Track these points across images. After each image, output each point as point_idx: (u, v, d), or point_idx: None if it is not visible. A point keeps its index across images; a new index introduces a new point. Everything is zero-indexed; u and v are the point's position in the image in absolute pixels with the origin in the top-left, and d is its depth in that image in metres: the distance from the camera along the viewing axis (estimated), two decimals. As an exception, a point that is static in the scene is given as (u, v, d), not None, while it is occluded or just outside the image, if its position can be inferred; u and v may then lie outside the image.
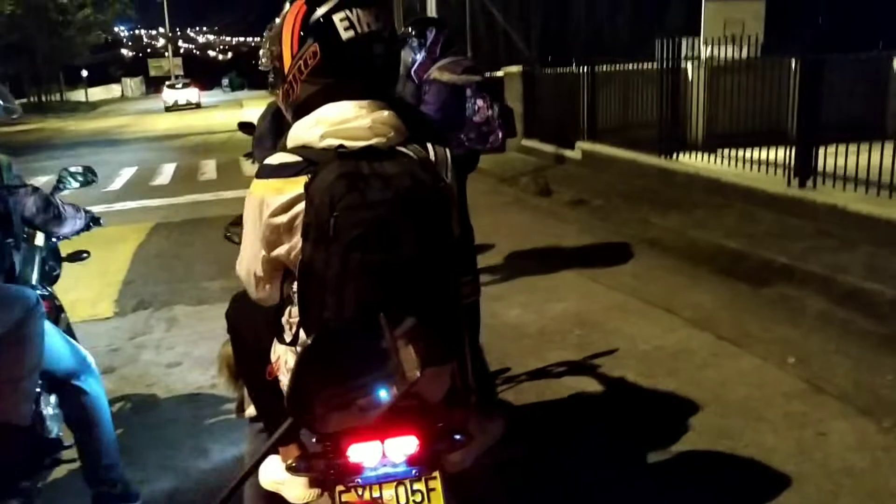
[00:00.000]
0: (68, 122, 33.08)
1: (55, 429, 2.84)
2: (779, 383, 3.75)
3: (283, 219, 1.70)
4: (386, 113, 1.76)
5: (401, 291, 1.65)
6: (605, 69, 10.64)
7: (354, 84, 1.76)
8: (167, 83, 44.57)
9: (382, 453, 1.75)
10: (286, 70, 1.80)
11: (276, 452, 2.11)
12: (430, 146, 1.79)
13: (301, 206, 1.65)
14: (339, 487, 1.78)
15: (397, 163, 1.67)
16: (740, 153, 8.09)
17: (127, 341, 4.78)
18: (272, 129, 3.06)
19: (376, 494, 1.75)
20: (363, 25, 1.75)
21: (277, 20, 1.85)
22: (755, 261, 5.80)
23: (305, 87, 1.79)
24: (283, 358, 1.90)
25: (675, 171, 8.75)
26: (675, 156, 9.05)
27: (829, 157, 6.99)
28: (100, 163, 15.97)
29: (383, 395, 1.68)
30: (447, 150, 1.85)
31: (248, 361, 2.23)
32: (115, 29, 74.86)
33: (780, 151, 7.82)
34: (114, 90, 63.28)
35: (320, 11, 1.75)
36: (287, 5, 1.84)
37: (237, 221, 2.46)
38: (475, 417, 1.99)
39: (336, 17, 1.74)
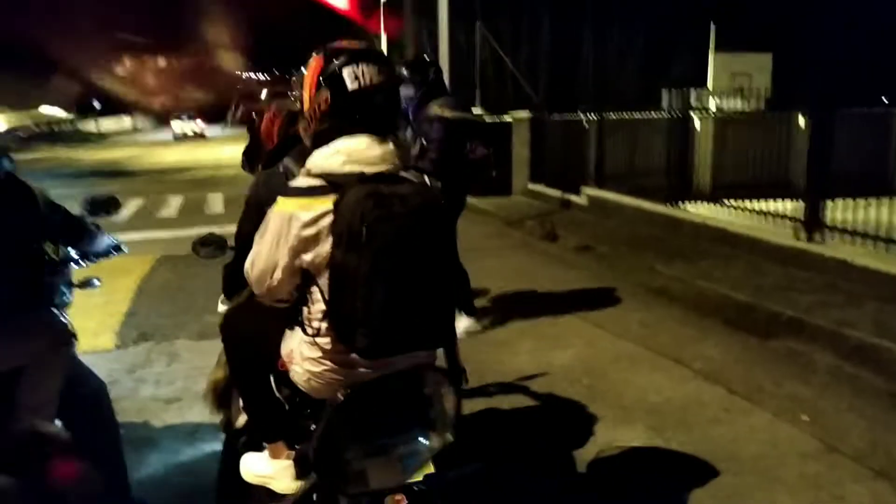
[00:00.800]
0: (78, 152, 33.22)
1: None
2: (792, 441, 3.64)
3: (313, 230, 2.07)
4: (391, 146, 2.16)
5: (420, 287, 2.07)
6: (612, 117, 10.65)
7: (358, 126, 2.13)
8: (173, 115, 47.54)
9: None
10: (305, 110, 2.23)
11: (260, 450, 2.46)
12: (421, 175, 2.25)
13: (327, 220, 2.04)
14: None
15: (407, 185, 2.11)
16: (746, 204, 8.06)
17: (126, 374, 4.68)
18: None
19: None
20: (367, 79, 2.14)
21: (303, 69, 2.25)
22: (763, 313, 5.70)
23: (320, 125, 2.19)
24: (298, 350, 2.23)
25: (681, 220, 8.69)
26: (681, 204, 9.00)
27: (837, 210, 6.93)
28: (108, 193, 15.98)
29: (423, 443, 2.08)
30: (429, 179, 2.33)
31: (245, 371, 2.45)
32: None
33: (787, 203, 7.80)
34: (124, 122, 63.67)
35: (333, 65, 2.15)
36: (314, 56, 2.23)
37: (206, 240, 3.01)
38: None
39: (345, 72, 2.14)
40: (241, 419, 2.65)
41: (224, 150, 31.55)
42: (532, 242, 8.84)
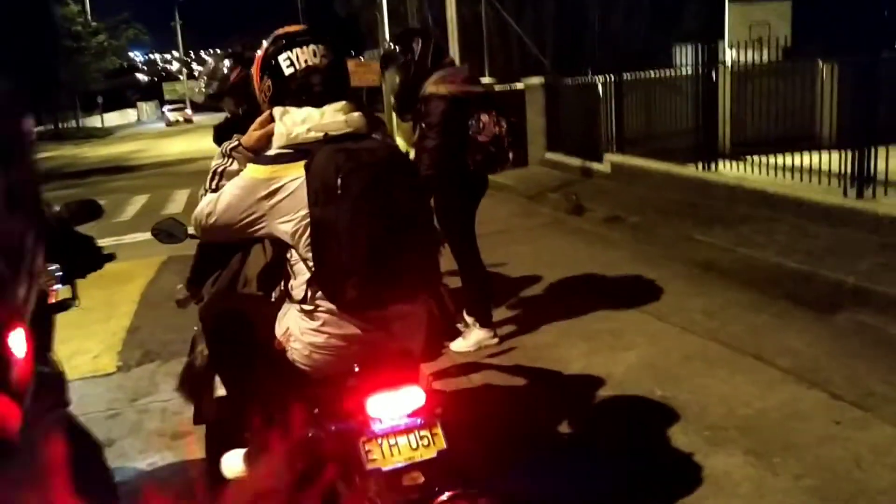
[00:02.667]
0: (84, 149, 32.72)
1: None
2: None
3: (280, 198, 2.15)
4: (356, 113, 2.27)
5: (400, 231, 2.13)
6: (629, 78, 10.02)
7: (304, 106, 2.24)
8: (166, 106, 54.47)
9: (395, 404, 2.08)
10: (257, 96, 2.42)
11: (239, 446, 2.41)
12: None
13: (297, 184, 2.12)
14: (363, 438, 2.04)
15: (373, 141, 2.23)
16: (779, 160, 7.49)
17: (129, 404, 4.16)
18: None
19: (392, 441, 2.05)
20: (301, 62, 2.28)
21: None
22: (823, 282, 5.14)
23: (268, 109, 2.32)
24: (295, 325, 2.21)
25: (714, 183, 8.09)
26: (712, 166, 8.39)
27: (882, 162, 6.35)
28: (112, 191, 15.52)
29: None
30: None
31: (231, 359, 2.41)
32: (130, 54, 75.02)
33: (816, 156, 7.23)
34: (129, 115, 63.17)
35: (270, 53, 2.32)
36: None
37: (165, 225, 2.92)
38: None
39: (280, 58, 2.30)
40: (215, 412, 2.62)
41: (229, 137, 30.94)
42: (559, 218, 8.17)
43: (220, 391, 2.55)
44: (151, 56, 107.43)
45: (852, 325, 4.46)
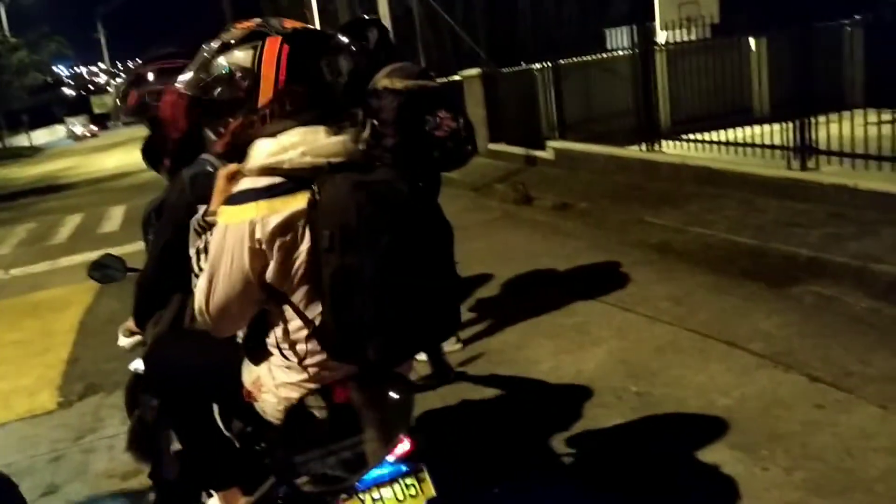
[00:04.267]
0: (11, 170, 31.44)
1: None
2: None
3: (287, 237, 1.75)
4: (347, 134, 1.88)
5: (429, 282, 1.81)
6: (565, 63, 9.93)
7: (322, 118, 1.86)
8: (68, 119, 57.13)
9: None
10: (261, 102, 1.86)
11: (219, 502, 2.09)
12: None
13: (301, 222, 1.74)
14: (343, 496, 1.85)
15: (383, 172, 1.83)
16: (720, 136, 7.50)
17: (73, 444, 3.84)
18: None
19: (376, 496, 1.85)
20: (339, 71, 1.99)
21: (238, 53, 1.87)
22: (776, 257, 5.09)
23: (282, 120, 1.85)
24: (269, 376, 1.89)
25: (658, 163, 8.04)
26: (655, 146, 8.33)
27: (822, 131, 6.37)
28: (44, 212, 14.85)
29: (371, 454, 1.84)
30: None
31: (184, 409, 2.10)
32: (55, 69, 72.56)
33: (753, 130, 7.26)
34: (58, 131, 60.98)
35: (306, 53, 1.89)
36: (233, 37, 1.90)
37: (102, 262, 2.69)
38: None
39: (322, 62, 1.93)
40: (174, 469, 2.35)
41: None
42: (509, 210, 7.97)
43: (177, 445, 2.27)
44: (77, 69, 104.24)
45: (813, 298, 4.39)
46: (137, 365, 2.59)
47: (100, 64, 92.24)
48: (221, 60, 1.88)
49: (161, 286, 2.37)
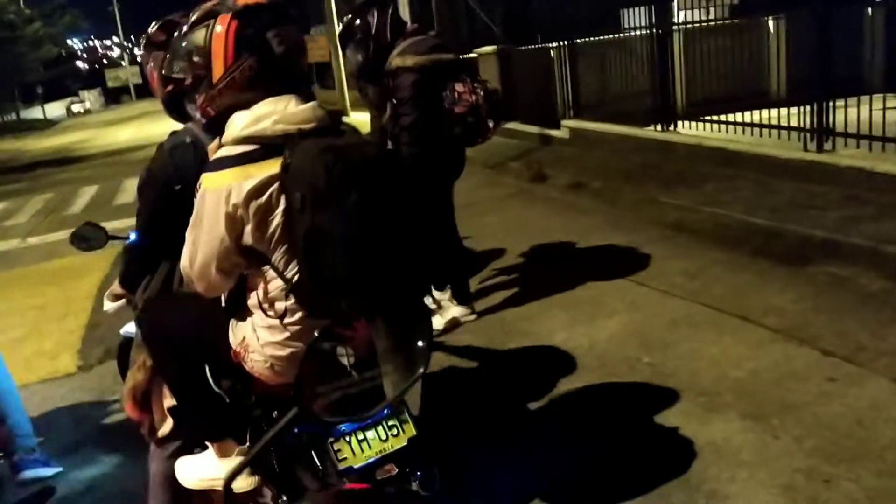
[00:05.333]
0: (26, 142, 31.57)
1: None
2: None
3: (262, 200, 1.84)
4: (315, 103, 1.98)
5: (398, 236, 1.90)
6: (581, 42, 9.88)
7: (283, 91, 1.96)
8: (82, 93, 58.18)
9: None
10: (215, 79, 1.99)
11: (214, 452, 2.22)
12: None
13: (274, 186, 1.83)
14: (330, 439, 1.96)
15: (350, 136, 1.99)
16: (736, 118, 7.46)
17: (94, 407, 3.93)
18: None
19: (361, 437, 1.97)
20: (290, 41, 2.01)
21: (194, 33, 2.01)
22: (792, 237, 5.10)
23: (239, 95, 1.98)
24: (253, 336, 1.98)
25: (674, 144, 8.02)
26: (671, 127, 8.32)
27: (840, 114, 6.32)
28: (60, 183, 14.95)
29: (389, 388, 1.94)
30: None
31: (178, 368, 2.18)
32: (69, 42, 72.52)
33: (770, 113, 7.23)
34: (85, 102, 61.12)
35: (254, 28, 1.97)
36: (193, 19, 2.03)
37: (83, 232, 2.80)
38: None
39: (270, 35, 1.98)
40: (167, 425, 2.42)
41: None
42: (524, 187, 7.96)
43: (170, 401, 2.36)
44: (91, 43, 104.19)
45: (827, 277, 4.41)
46: (128, 329, 2.70)
47: (114, 38, 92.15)
48: (183, 41, 2.05)
49: (149, 253, 2.46)
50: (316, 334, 1.96)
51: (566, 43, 9.97)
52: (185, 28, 2.07)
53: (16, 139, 33.90)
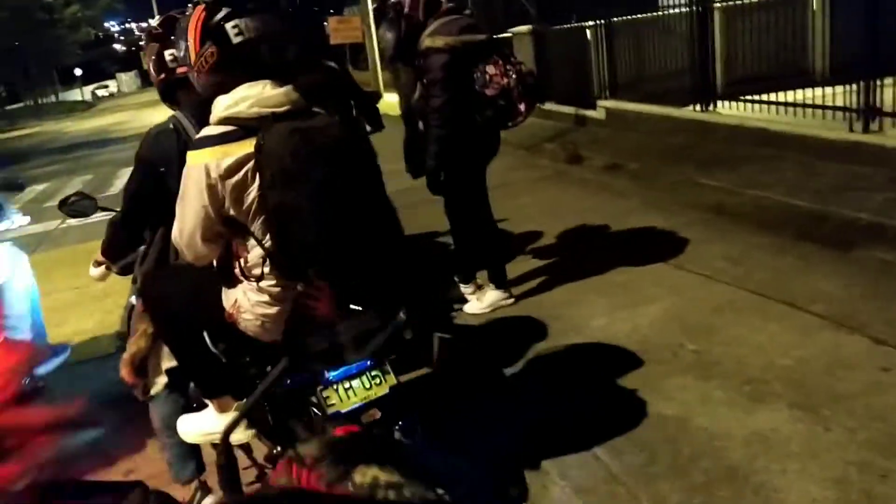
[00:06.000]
0: (65, 124, 32.04)
1: None
2: None
3: (238, 176, 2.01)
4: (290, 87, 2.14)
5: (362, 209, 2.10)
6: (617, 21, 9.68)
7: (247, 78, 2.10)
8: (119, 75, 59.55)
9: None
10: (192, 63, 2.16)
11: (206, 407, 2.41)
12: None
13: (250, 164, 2.00)
14: (320, 388, 2.16)
15: (321, 118, 2.12)
16: (776, 97, 7.24)
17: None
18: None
19: (347, 386, 2.17)
20: (250, 31, 2.12)
21: (185, 23, 2.18)
22: (836, 220, 4.95)
23: (210, 78, 2.16)
24: (244, 298, 2.16)
25: (713, 124, 7.83)
26: (710, 106, 8.12)
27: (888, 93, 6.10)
28: (99, 164, 15.09)
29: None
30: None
31: (178, 332, 2.36)
32: (106, 24, 73.17)
33: (812, 92, 7.01)
34: (109, 87, 61.83)
35: (216, 18, 2.11)
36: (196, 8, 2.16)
37: (73, 199, 3.09)
38: None
39: (228, 25, 2.11)
40: (159, 382, 2.64)
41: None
42: (559, 169, 7.79)
43: (169, 363, 2.58)
44: (127, 25, 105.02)
45: (875, 261, 4.26)
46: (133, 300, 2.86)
47: (150, 20, 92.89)
48: (178, 30, 2.23)
49: (129, 228, 2.69)
50: (300, 289, 2.13)
51: (602, 22, 9.76)
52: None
53: (55, 121, 34.41)
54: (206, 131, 2.11)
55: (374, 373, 2.21)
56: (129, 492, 1.57)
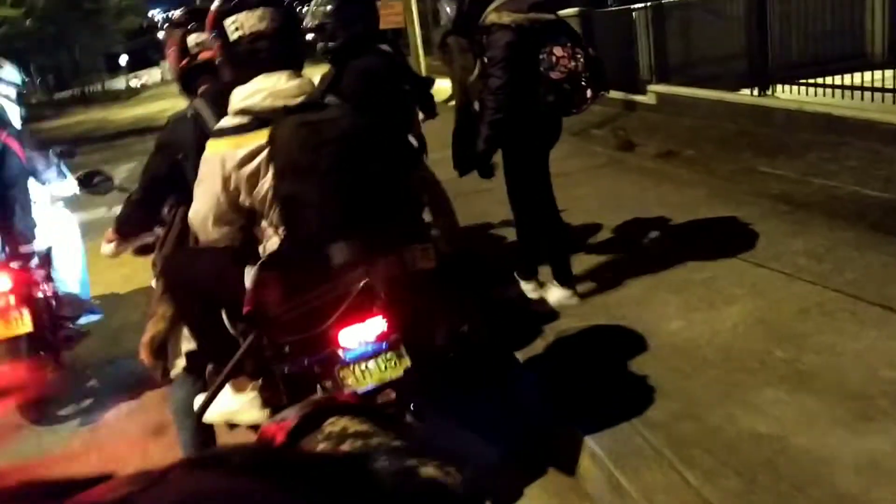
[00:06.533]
0: (111, 111, 32.25)
1: None
2: None
3: (252, 166, 2.12)
4: (305, 78, 2.28)
5: (372, 200, 2.15)
6: (666, 2, 9.28)
7: (252, 72, 2.21)
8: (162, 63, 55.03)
9: (362, 334, 2.19)
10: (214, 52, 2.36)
11: (230, 388, 2.35)
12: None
13: (263, 154, 2.10)
14: (337, 366, 2.19)
15: (332, 110, 2.24)
16: (834, 81, 6.85)
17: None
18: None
19: (363, 367, 2.20)
20: (245, 28, 2.21)
21: None
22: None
23: (225, 69, 2.32)
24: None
25: (771, 109, 7.44)
26: (768, 90, 7.71)
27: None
28: (142, 152, 14.99)
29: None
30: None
31: (198, 313, 2.40)
32: (150, 13, 73.74)
33: (871, 76, 6.58)
34: (154, 75, 62.30)
35: (221, 13, 2.25)
36: None
37: (90, 176, 3.71)
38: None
39: (227, 22, 2.23)
40: (179, 365, 2.66)
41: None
42: (614, 156, 7.40)
43: (188, 346, 2.61)
44: (171, 14, 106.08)
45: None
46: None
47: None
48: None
49: (144, 207, 2.75)
50: None
51: (650, 3, 9.37)
52: None
53: (101, 109, 34.70)
54: (223, 122, 2.19)
55: (388, 355, 2.24)
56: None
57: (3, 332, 3.56)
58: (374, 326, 2.21)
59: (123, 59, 49.34)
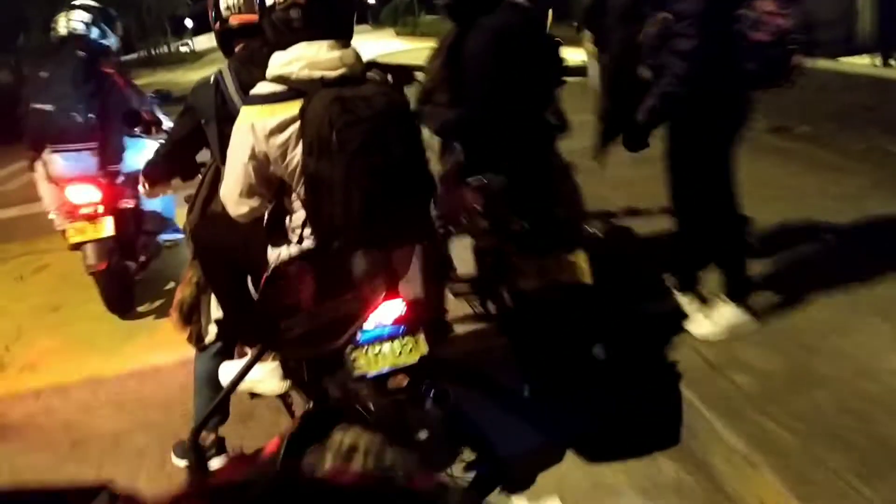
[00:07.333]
0: (177, 74, 32.19)
1: None
2: None
3: (282, 137, 2.00)
4: (349, 49, 2.09)
5: (395, 186, 2.00)
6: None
7: (291, 40, 2.08)
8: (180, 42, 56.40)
9: (379, 316, 2.08)
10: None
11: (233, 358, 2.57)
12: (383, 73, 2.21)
13: (295, 126, 1.99)
14: (349, 348, 2.08)
15: (369, 87, 2.04)
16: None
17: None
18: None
19: (377, 350, 2.08)
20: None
21: None
22: None
23: (266, 34, 2.19)
24: (286, 253, 2.16)
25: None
26: (891, 60, 6.85)
27: None
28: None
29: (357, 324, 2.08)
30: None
31: (224, 280, 2.40)
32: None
33: None
34: (189, 43, 62.36)
35: None
36: None
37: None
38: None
39: None
40: (211, 331, 2.63)
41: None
42: (757, 137, 6.40)
43: (218, 313, 2.56)
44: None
45: None
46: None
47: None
48: None
49: (164, 162, 2.80)
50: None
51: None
52: None
53: (167, 71, 34.71)
54: (258, 88, 2.07)
55: (405, 340, 2.10)
56: (94, 496, 1.10)
57: (92, 233, 4.18)
58: (393, 308, 2.08)
59: (189, 23, 49.24)
